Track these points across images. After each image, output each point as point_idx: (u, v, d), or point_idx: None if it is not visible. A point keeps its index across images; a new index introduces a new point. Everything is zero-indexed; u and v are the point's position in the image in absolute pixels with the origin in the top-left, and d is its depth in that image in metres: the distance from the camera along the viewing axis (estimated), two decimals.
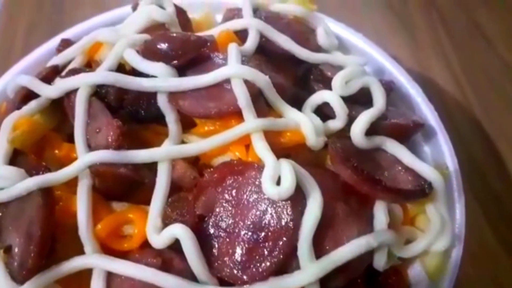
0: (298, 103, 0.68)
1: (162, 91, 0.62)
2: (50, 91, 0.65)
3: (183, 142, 0.63)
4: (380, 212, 0.59)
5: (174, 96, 0.63)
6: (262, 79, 0.62)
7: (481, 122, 1.04)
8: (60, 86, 0.65)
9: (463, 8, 1.17)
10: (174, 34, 0.66)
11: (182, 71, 0.65)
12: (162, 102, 0.63)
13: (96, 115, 0.62)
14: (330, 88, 0.69)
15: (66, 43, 0.81)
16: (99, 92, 0.63)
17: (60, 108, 0.67)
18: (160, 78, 0.62)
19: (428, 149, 0.72)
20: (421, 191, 0.60)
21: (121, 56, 0.66)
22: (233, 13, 0.77)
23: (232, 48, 0.65)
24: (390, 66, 0.78)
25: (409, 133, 0.69)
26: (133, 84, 0.62)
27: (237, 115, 0.61)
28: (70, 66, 0.71)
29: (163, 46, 0.64)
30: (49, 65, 0.73)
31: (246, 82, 0.61)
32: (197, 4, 0.87)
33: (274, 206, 0.54)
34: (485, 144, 1.01)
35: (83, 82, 0.63)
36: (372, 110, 0.65)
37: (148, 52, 0.64)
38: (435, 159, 0.70)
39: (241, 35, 0.73)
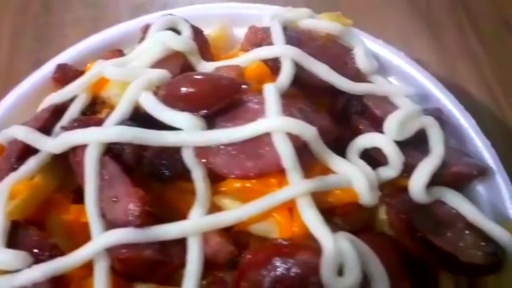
0: (339, 143, 0.60)
1: (189, 146, 0.53)
2: (53, 146, 0.55)
3: (214, 205, 0.53)
4: None
5: (203, 150, 0.53)
6: (309, 132, 0.52)
7: None
8: (64, 140, 0.54)
9: (493, 7, 1.07)
10: (201, 76, 0.55)
11: (210, 118, 0.55)
12: (188, 157, 0.53)
13: (112, 179, 0.52)
14: (376, 125, 0.60)
15: (62, 70, 0.70)
16: (112, 149, 0.53)
17: (63, 162, 0.56)
18: (187, 132, 0.52)
19: (483, 191, 0.63)
20: (495, 265, 0.52)
21: (135, 101, 0.55)
22: (259, 35, 0.66)
23: (270, 92, 0.54)
24: (437, 92, 0.69)
25: (471, 181, 0.60)
26: (155, 140, 0.52)
27: (279, 172, 0.52)
28: (73, 108, 0.61)
29: (189, 91, 0.54)
30: (47, 105, 0.63)
31: (290, 134, 0.52)
32: (210, 16, 0.77)
33: None
34: None
35: (93, 139, 0.52)
36: (432, 159, 0.56)
37: (171, 98, 0.54)
38: (493, 203, 0.62)
39: (270, 63, 0.63)
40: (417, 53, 1.02)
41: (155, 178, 0.54)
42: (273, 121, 0.51)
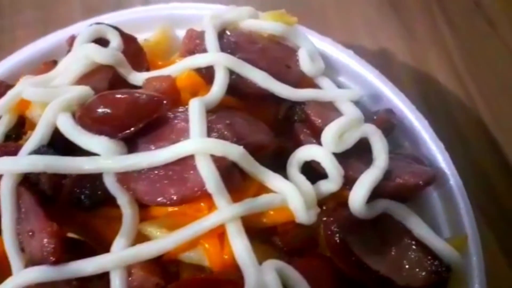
0: (283, 155, 0.56)
1: (108, 172, 0.49)
2: None
3: (140, 234, 0.50)
4: None
5: (124, 176, 0.49)
6: (235, 152, 0.48)
7: (487, 125, 0.91)
8: None
9: None
10: (118, 96, 0.51)
11: (131, 139, 0.51)
12: (110, 183, 0.50)
13: (27, 212, 0.49)
14: (317, 135, 0.56)
15: None
16: (29, 178, 0.50)
17: None
18: (104, 157, 0.49)
19: (438, 200, 0.59)
20: (438, 285, 0.48)
21: (54, 125, 0.52)
22: (193, 41, 0.62)
23: (194, 110, 0.51)
24: (388, 92, 0.65)
25: (419, 191, 0.56)
26: (70, 168, 0.49)
27: (207, 196, 0.49)
28: None
29: (105, 112, 0.50)
30: None
31: (215, 156, 0.48)
32: (150, 19, 0.72)
33: None
34: (492, 150, 0.89)
35: (6, 170, 0.49)
36: (374, 171, 0.53)
37: (87, 120, 0.50)
38: (448, 212, 0.58)
39: (204, 72, 0.59)
40: (385, 42, 0.99)
41: (76, 207, 0.50)
42: (194, 143, 0.48)
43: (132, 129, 0.49)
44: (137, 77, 0.60)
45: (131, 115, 0.50)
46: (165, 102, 0.51)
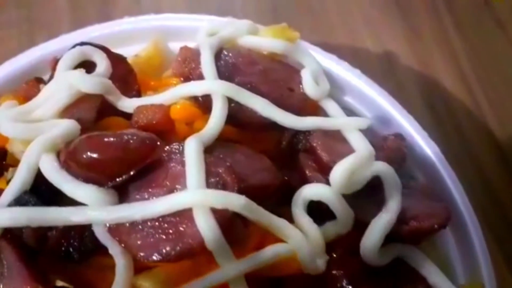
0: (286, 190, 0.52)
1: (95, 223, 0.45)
2: None
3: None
4: None
5: (115, 227, 0.45)
6: (236, 204, 0.44)
7: (493, 131, 0.87)
8: None
9: None
10: (106, 139, 0.46)
11: (121, 186, 0.46)
12: (101, 234, 0.45)
13: (10, 269, 0.44)
14: (324, 170, 0.52)
15: None
16: (11, 230, 0.45)
17: None
18: (92, 208, 0.44)
19: (454, 241, 0.56)
20: None
21: (36, 167, 0.47)
22: (187, 63, 0.57)
23: (191, 153, 0.46)
24: (398, 116, 0.61)
25: (433, 234, 0.52)
26: (55, 219, 0.44)
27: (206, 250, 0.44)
28: None
29: (93, 158, 0.45)
30: None
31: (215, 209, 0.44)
32: (140, 31, 0.67)
33: None
34: (499, 157, 0.85)
35: None
36: (386, 215, 0.49)
37: (73, 164, 0.45)
38: (464, 255, 0.55)
39: (201, 100, 0.54)
40: (389, 44, 0.94)
41: (64, 260, 0.46)
42: (192, 195, 0.43)
43: (124, 177, 0.45)
44: (127, 103, 0.55)
45: (122, 161, 0.45)
46: (158, 143, 0.46)
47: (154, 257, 0.43)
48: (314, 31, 0.91)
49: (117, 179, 0.45)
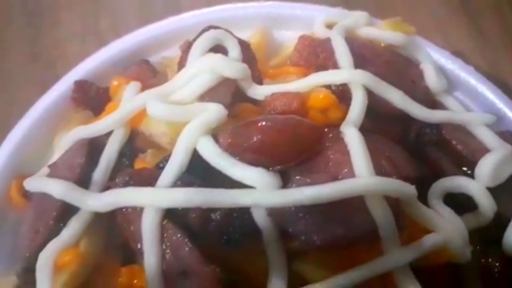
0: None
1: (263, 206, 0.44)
2: (99, 205, 0.46)
3: (292, 272, 0.46)
4: None
5: (275, 210, 0.45)
6: (408, 192, 0.44)
7: None
8: (113, 200, 0.45)
9: None
10: (273, 124, 0.45)
11: (283, 171, 0.46)
12: (260, 217, 0.45)
13: (176, 249, 0.43)
14: (459, 162, 0.53)
15: (82, 89, 0.60)
16: (173, 211, 0.44)
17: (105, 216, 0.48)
18: (260, 191, 0.44)
19: None
20: None
21: (192, 150, 0.46)
22: (319, 52, 0.57)
23: (355, 141, 0.46)
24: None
25: None
26: (226, 202, 0.44)
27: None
28: (110, 148, 0.51)
29: (263, 142, 0.44)
30: (75, 139, 0.53)
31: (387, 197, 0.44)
32: (247, 17, 0.66)
33: None
34: None
35: (151, 203, 0.43)
36: None
37: (238, 148, 0.45)
38: None
39: (335, 88, 0.54)
40: (457, 45, 0.94)
41: (223, 243, 0.46)
42: (367, 183, 0.43)
43: (293, 162, 0.45)
44: (258, 91, 0.54)
45: (292, 147, 0.45)
46: (326, 130, 0.46)
47: (321, 236, 0.43)
48: None
49: (289, 164, 0.44)
